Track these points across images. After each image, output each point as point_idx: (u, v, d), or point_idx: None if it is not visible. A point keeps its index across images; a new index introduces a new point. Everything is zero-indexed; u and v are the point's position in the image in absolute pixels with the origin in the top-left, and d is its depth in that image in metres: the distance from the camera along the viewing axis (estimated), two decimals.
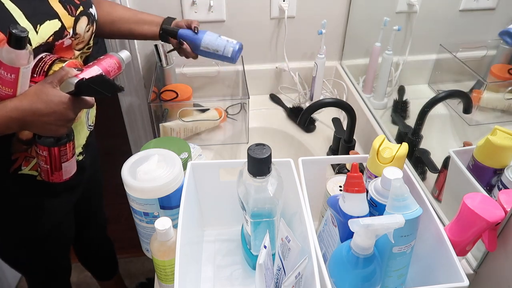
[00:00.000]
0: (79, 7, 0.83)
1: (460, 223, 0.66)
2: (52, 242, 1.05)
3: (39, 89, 0.70)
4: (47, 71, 0.74)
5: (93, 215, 1.30)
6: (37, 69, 0.75)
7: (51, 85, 0.70)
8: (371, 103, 1.23)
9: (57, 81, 0.71)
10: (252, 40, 1.37)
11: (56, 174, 0.82)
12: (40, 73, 0.74)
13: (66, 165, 0.82)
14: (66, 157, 0.81)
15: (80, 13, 0.83)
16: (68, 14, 0.80)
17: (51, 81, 0.70)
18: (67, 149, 0.80)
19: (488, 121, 0.92)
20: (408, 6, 1.15)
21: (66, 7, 0.80)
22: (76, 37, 0.83)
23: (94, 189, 1.20)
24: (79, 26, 0.83)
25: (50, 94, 0.70)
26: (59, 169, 0.81)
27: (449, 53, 1.03)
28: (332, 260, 0.63)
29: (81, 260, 1.47)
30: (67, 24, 0.80)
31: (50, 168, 0.80)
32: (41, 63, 0.75)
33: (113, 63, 0.82)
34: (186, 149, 0.93)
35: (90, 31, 0.87)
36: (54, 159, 0.79)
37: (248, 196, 0.72)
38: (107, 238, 1.45)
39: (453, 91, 1.01)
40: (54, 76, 0.71)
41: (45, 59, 0.76)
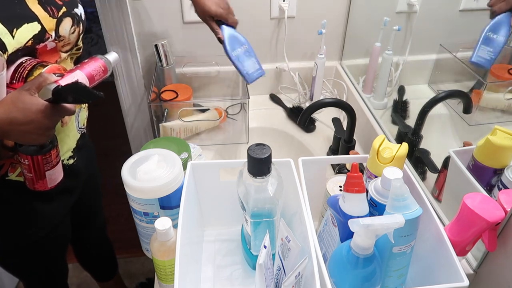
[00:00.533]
0: (61, 8, 0.79)
1: (460, 223, 0.66)
2: (48, 246, 1.03)
3: (15, 96, 0.66)
4: (26, 77, 0.71)
5: (92, 216, 1.29)
6: (16, 75, 0.71)
7: (28, 92, 0.66)
8: (371, 103, 1.23)
9: (35, 88, 0.67)
10: (252, 40, 1.36)
11: (40, 182, 0.78)
12: (19, 79, 0.71)
13: (50, 173, 0.78)
14: (50, 165, 0.77)
15: (63, 14, 0.79)
16: (49, 15, 0.76)
17: (29, 88, 0.66)
18: (50, 157, 0.77)
19: (488, 121, 0.92)
20: (408, 6, 1.15)
21: (47, 9, 0.76)
22: (60, 40, 0.79)
23: (91, 191, 1.19)
24: (62, 28, 0.79)
25: (27, 102, 0.66)
26: (43, 177, 0.78)
27: (449, 53, 1.03)
28: (332, 260, 0.63)
29: (81, 261, 1.47)
30: (48, 27, 0.76)
31: (34, 176, 0.77)
32: (20, 69, 0.71)
33: (97, 66, 0.77)
34: (186, 149, 0.93)
35: (76, 32, 0.83)
36: (37, 168, 0.76)
37: (248, 196, 0.72)
38: (106, 239, 1.45)
39: (453, 91, 1.01)
40: (32, 82, 0.67)
41: (24, 64, 0.72)
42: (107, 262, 1.52)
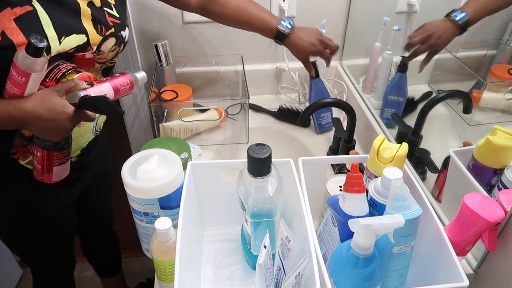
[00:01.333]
0: (110, 29, 0.84)
1: (460, 223, 0.66)
2: (50, 231, 1.06)
3: (45, 94, 0.72)
4: (59, 78, 0.75)
5: (99, 211, 1.31)
6: (51, 75, 0.75)
7: (58, 93, 0.72)
8: (371, 103, 1.23)
9: (65, 90, 0.72)
10: (252, 40, 1.37)
11: (46, 175, 0.83)
12: (53, 79, 0.75)
13: (57, 169, 0.83)
14: (59, 161, 0.82)
15: (110, 34, 0.84)
16: (97, 32, 0.81)
17: (59, 89, 0.72)
18: (61, 155, 0.81)
19: (488, 121, 0.92)
20: (408, 6, 1.15)
21: (97, 26, 0.81)
22: (99, 54, 0.84)
23: (100, 186, 1.22)
24: (104, 45, 0.84)
25: (54, 102, 0.71)
26: (50, 172, 0.82)
27: (449, 53, 1.03)
28: (332, 260, 0.63)
29: (86, 255, 1.49)
30: (93, 42, 0.81)
31: (41, 168, 0.82)
32: (55, 70, 0.76)
33: (125, 82, 0.82)
34: (186, 149, 0.93)
35: (115, 51, 0.88)
36: (47, 162, 0.81)
37: (248, 196, 0.72)
38: (113, 235, 1.46)
39: (453, 91, 1.01)
40: (63, 85, 0.73)
41: (60, 67, 0.76)
42: (111, 258, 1.53)
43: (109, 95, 0.78)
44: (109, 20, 0.84)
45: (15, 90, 0.71)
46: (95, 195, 1.22)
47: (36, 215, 1.00)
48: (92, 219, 1.31)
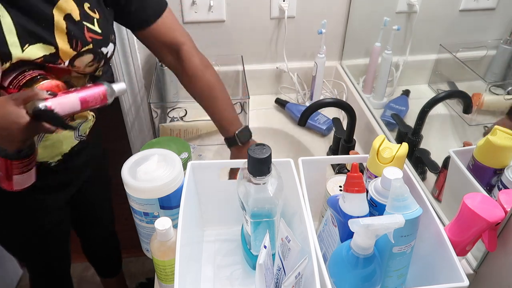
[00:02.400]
0: (88, 45, 0.79)
1: (460, 223, 0.66)
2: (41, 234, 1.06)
3: (0, 102, 0.67)
4: (22, 85, 0.72)
5: (98, 212, 1.30)
6: (14, 81, 0.72)
7: (14, 102, 0.67)
8: (371, 103, 1.23)
9: (22, 99, 0.67)
10: (252, 40, 1.37)
11: (6, 182, 0.79)
12: (16, 86, 0.72)
13: (17, 177, 0.78)
14: (19, 170, 0.77)
15: (87, 51, 0.79)
16: (70, 47, 0.77)
17: (16, 98, 0.67)
18: (21, 164, 0.76)
19: (488, 122, 0.92)
20: (408, 6, 1.15)
21: (72, 41, 0.77)
22: (73, 67, 0.80)
23: (97, 187, 1.20)
24: (79, 61, 0.79)
25: (8, 111, 0.66)
26: (10, 180, 0.78)
27: (449, 53, 1.03)
28: (332, 260, 0.63)
29: (87, 255, 1.49)
30: (63, 56, 0.77)
31: (1, 175, 0.78)
32: (20, 76, 0.72)
33: (97, 93, 0.76)
34: (186, 149, 0.93)
35: (93, 66, 0.83)
36: (6, 169, 0.76)
37: (248, 196, 0.72)
38: (113, 236, 1.46)
39: (453, 91, 1.01)
40: (21, 94, 0.68)
41: (25, 74, 0.73)
42: (111, 258, 1.53)
43: (74, 107, 0.73)
44: (88, 35, 0.79)
45: None
46: (92, 197, 1.21)
47: (24, 219, 0.99)
48: (90, 220, 1.30)
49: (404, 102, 1.16)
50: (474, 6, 1.02)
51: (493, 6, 1.01)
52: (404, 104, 1.16)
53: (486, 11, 1.03)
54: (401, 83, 1.22)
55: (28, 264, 1.21)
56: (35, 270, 1.22)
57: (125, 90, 0.81)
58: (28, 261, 1.17)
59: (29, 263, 1.19)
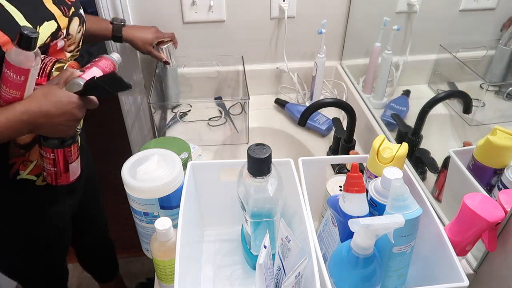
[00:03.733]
0: (71, 8, 0.84)
1: (460, 223, 0.66)
2: (51, 248, 1.05)
3: (46, 90, 0.71)
4: (49, 73, 0.75)
5: (92, 219, 1.29)
6: (39, 71, 0.74)
7: (57, 86, 0.71)
8: (371, 103, 1.23)
9: (63, 82, 0.71)
10: (252, 40, 1.37)
11: (63, 176, 0.82)
12: (43, 75, 0.74)
13: (73, 166, 0.82)
14: (71, 158, 0.81)
15: (72, 14, 0.84)
16: (63, 14, 0.81)
17: (57, 82, 0.71)
18: (71, 151, 0.80)
19: (488, 121, 0.92)
20: (408, 6, 1.15)
21: (60, 8, 0.81)
22: (68, 38, 0.83)
23: (90, 194, 1.19)
24: (71, 27, 0.83)
25: (58, 95, 0.70)
26: (67, 171, 0.82)
27: (449, 53, 1.03)
28: (332, 260, 0.63)
29: (82, 262, 1.48)
30: (62, 25, 0.80)
31: (57, 170, 0.81)
32: (42, 65, 0.75)
33: (108, 64, 0.83)
34: (186, 149, 0.93)
35: (81, 32, 0.87)
36: (61, 161, 0.80)
37: (248, 196, 0.72)
38: (107, 241, 1.45)
39: (453, 91, 1.01)
40: (60, 77, 0.71)
41: (45, 61, 0.76)
42: (108, 264, 1.52)
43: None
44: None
45: (13, 94, 0.69)
46: (88, 203, 1.19)
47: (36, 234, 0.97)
48: (86, 228, 1.29)
49: (404, 102, 1.16)
50: (474, 6, 1.02)
51: (493, 6, 1.01)
52: (404, 104, 1.16)
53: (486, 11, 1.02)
54: (401, 83, 1.22)
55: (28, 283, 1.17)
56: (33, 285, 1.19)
57: (120, 58, 0.88)
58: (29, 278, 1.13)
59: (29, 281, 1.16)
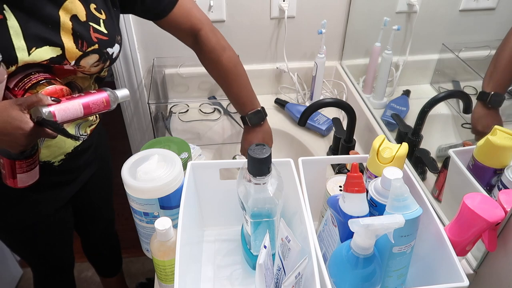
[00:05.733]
0: (94, 45, 0.80)
1: (460, 223, 0.66)
2: (43, 233, 1.06)
3: (4, 107, 0.68)
4: (27, 88, 0.72)
5: (99, 211, 1.31)
6: (20, 84, 0.73)
7: (19, 108, 0.68)
8: (371, 103, 1.23)
9: (27, 105, 0.68)
10: (252, 40, 1.37)
11: (10, 180, 0.81)
12: (21, 88, 0.72)
13: (21, 176, 0.80)
14: (22, 170, 0.79)
15: (92, 51, 0.80)
16: (76, 47, 0.78)
17: (21, 103, 0.68)
18: (24, 164, 0.78)
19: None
20: (408, 6, 1.15)
21: (77, 42, 0.78)
22: (79, 68, 0.81)
23: (99, 186, 1.20)
24: (84, 61, 0.80)
25: (12, 116, 0.67)
26: (15, 178, 0.80)
27: (452, 52, 1.03)
28: (332, 260, 0.63)
29: (87, 254, 1.49)
30: (69, 56, 0.77)
31: (6, 173, 0.80)
32: (26, 79, 0.73)
33: (100, 100, 0.78)
34: (186, 149, 0.93)
35: (98, 67, 0.84)
36: (10, 168, 0.78)
37: (248, 196, 0.72)
38: (113, 235, 1.46)
39: (453, 91, 1.01)
40: (25, 99, 0.69)
41: (31, 77, 0.74)
42: (112, 258, 1.53)
43: (77, 113, 0.75)
44: (94, 36, 0.80)
45: None
46: (94, 195, 1.21)
47: (26, 218, 0.99)
48: (91, 219, 1.31)
49: (404, 102, 1.17)
50: (474, 6, 1.02)
51: (493, 6, 1.01)
52: (404, 104, 1.16)
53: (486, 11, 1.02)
54: (402, 83, 1.22)
55: (32, 264, 1.21)
56: (39, 271, 1.22)
57: (128, 96, 0.84)
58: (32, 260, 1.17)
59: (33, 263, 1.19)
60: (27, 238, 1.05)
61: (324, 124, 1.27)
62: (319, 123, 1.27)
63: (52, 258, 1.17)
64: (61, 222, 1.10)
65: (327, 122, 1.27)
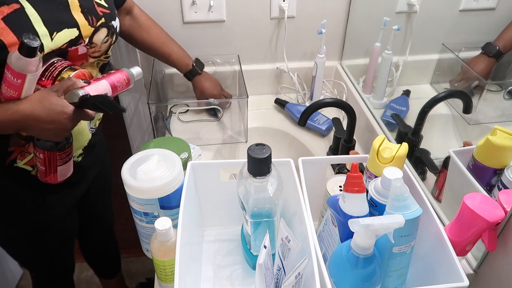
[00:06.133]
0: (101, 19, 0.83)
1: (460, 223, 0.66)
2: (52, 236, 1.06)
3: (43, 96, 0.71)
4: (56, 76, 0.74)
5: (99, 212, 1.31)
6: (47, 73, 0.74)
7: (56, 94, 0.71)
8: (371, 103, 1.23)
9: (63, 90, 0.71)
10: (252, 40, 1.37)
11: (51, 175, 0.82)
12: (49, 77, 0.74)
13: (61, 169, 0.82)
14: (62, 161, 0.81)
15: (101, 25, 0.83)
16: (88, 24, 0.81)
17: (57, 89, 0.71)
18: (63, 154, 0.81)
19: (488, 121, 0.92)
20: (408, 6, 1.15)
21: (88, 18, 0.80)
22: (92, 46, 0.83)
23: (100, 187, 1.21)
24: (96, 37, 0.83)
25: (53, 103, 0.70)
26: (55, 172, 0.82)
27: (451, 52, 1.03)
28: (332, 260, 0.63)
29: (86, 256, 1.49)
30: (85, 34, 0.80)
31: (45, 169, 0.81)
32: (51, 68, 0.75)
33: (122, 78, 0.81)
34: (186, 149, 0.93)
35: (108, 42, 0.87)
36: (50, 162, 0.80)
37: (248, 196, 0.72)
38: (112, 237, 1.46)
39: (453, 91, 1.01)
40: (61, 85, 0.72)
41: (56, 65, 0.75)
42: (111, 260, 1.53)
43: (107, 92, 0.78)
44: (99, 10, 0.83)
45: (11, 93, 0.70)
46: (96, 196, 1.21)
47: (37, 220, 0.99)
48: (93, 221, 1.30)
49: (404, 102, 1.17)
50: (474, 6, 1.02)
51: (493, 6, 1.01)
52: (404, 104, 1.16)
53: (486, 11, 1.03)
54: (403, 83, 1.22)
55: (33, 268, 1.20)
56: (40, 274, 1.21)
57: (141, 73, 0.87)
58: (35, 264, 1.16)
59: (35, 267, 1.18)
60: (33, 241, 1.04)
61: (324, 124, 1.27)
62: (319, 123, 1.27)
63: (55, 262, 1.16)
64: (69, 226, 1.09)
65: (327, 122, 1.27)
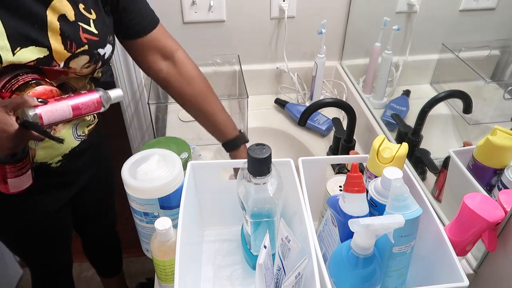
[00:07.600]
0: (83, 46, 0.78)
1: (460, 223, 0.66)
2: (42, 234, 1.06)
3: None
4: (15, 90, 0.71)
5: (98, 211, 1.30)
6: (7, 85, 0.71)
7: (4, 109, 0.66)
8: (371, 103, 1.23)
9: (12, 107, 0.67)
10: (252, 40, 1.37)
11: (2, 185, 0.78)
12: (8, 90, 0.71)
13: (12, 181, 0.78)
14: (13, 174, 0.77)
15: (82, 52, 0.78)
16: (65, 49, 0.75)
17: (6, 105, 0.67)
18: (14, 168, 0.76)
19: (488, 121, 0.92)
20: (408, 6, 1.15)
21: (66, 42, 0.75)
22: (69, 69, 0.78)
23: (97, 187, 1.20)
24: (74, 62, 0.78)
25: None
26: (6, 183, 0.78)
27: (452, 52, 1.03)
28: (332, 260, 0.63)
29: (88, 256, 1.49)
30: (58, 57, 0.75)
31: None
32: (13, 80, 0.71)
33: (90, 101, 0.75)
34: (186, 149, 0.93)
35: (90, 68, 0.82)
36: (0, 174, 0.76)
37: (248, 196, 0.72)
38: (114, 235, 1.46)
39: (453, 91, 1.01)
40: (11, 101, 0.67)
41: (18, 78, 0.72)
42: (112, 258, 1.53)
43: (66, 114, 0.72)
44: (83, 36, 0.77)
45: None
46: (96, 196, 1.21)
47: (25, 218, 0.98)
48: (92, 220, 1.30)
49: (404, 102, 1.17)
50: (474, 6, 1.02)
51: (493, 6, 1.01)
52: (404, 104, 1.16)
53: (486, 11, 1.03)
54: (403, 82, 1.22)
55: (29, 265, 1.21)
56: (36, 271, 1.22)
57: (121, 96, 0.80)
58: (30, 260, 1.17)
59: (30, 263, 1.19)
60: (26, 239, 1.05)
61: (324, 124, 1.27)
62: (319, 123, 1.27)
63: (50, 258, 1.16)
64: (60, 223, 1.09)
65: (327, 122, 1.27)
